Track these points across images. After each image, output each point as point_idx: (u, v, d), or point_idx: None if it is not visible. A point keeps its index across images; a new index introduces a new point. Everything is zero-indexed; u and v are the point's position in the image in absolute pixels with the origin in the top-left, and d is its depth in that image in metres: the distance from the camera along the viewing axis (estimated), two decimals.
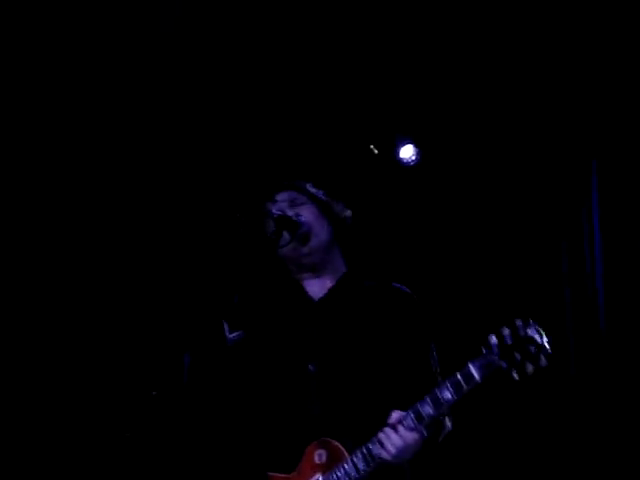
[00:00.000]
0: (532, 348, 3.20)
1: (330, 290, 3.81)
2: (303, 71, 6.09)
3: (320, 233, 3.80)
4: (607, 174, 6.07)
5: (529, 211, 6.26)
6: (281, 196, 3.86)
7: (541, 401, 5.89)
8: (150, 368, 5.91)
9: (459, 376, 3.30)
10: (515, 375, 3.22)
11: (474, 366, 3.28)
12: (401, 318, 3.72)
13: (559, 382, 5.90)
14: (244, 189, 5.80)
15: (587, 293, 6.06)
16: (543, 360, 3.20)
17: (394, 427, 3.39)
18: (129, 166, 6.30)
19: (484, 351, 3.27)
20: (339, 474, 3.47)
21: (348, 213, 3.92)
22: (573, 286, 6.12)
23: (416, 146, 6.45)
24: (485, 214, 6.28)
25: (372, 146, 6.42)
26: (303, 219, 3.76)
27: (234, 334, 3.75)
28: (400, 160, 6.48)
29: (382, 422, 3.44)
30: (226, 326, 3.74)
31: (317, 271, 3.82)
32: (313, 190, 3.87)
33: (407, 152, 6.47)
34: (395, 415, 3.41)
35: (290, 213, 3.76)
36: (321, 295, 3.81)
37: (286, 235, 3.73)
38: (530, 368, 3.20)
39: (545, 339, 3.21)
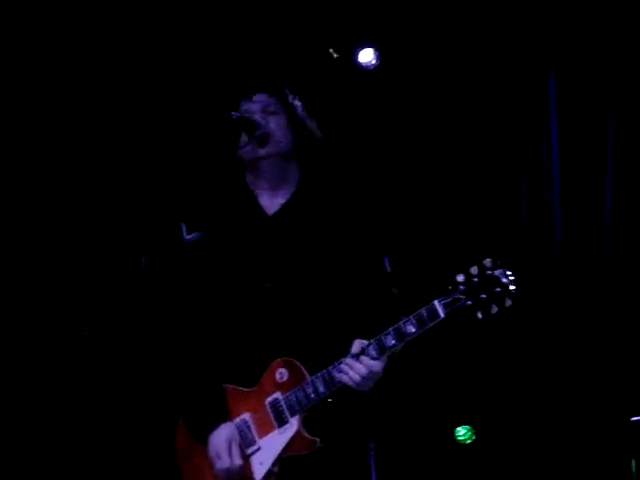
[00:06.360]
0: (498, 289, 3.25)
1: (283, 206, 3.80)
2: None
3: (280, 141, 3.78)
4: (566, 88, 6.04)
5: (488, 116, 6.25)
6: (257, 97, 3.84)
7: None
8: (109, 267, 5.90)
9: (424, 312, 3.38)
10: (479, 314, 3.29)
11: (439, 303, 3.36)
12: (354, 233, 3.75)
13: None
14: (209, 91, 5.79)
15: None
16: (508, 301, 3.26)
17: (357, 356, 3.45)
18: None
19: (450, 289, 3.34)
20: (299, 395, 3.54)
21: (319, 135, 3.90)
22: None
23: (376, 49, 6.26)
24: (444, 125, 6.24)
25: (331, 50, 6.24)
26: (265, 124, 3.75)
27: (191, 235, 3.77)
28: (359, 64, 6.31)
29: (341, 345, 3.51)
30: (184, 228, 3.76)
31: (273, 182, 3.81)
32: (290, 99, 3.85)
33: (367, 56, 6.28)
34: (357, 344, 3.48)
35: (256, 117, 3.75)
36: (275, 210, 3.80)
37: (244, 136, 3.73)
38: (495, 308, 3.27)
39: (511, 280, 3.26)
